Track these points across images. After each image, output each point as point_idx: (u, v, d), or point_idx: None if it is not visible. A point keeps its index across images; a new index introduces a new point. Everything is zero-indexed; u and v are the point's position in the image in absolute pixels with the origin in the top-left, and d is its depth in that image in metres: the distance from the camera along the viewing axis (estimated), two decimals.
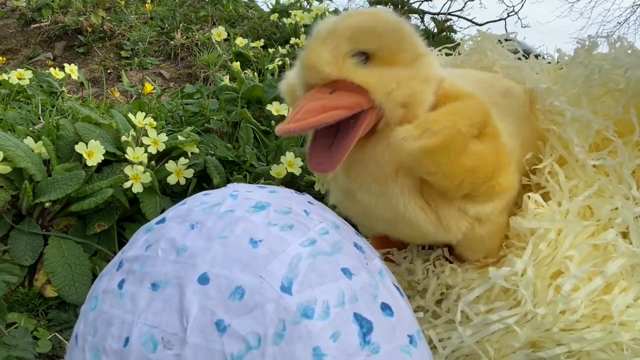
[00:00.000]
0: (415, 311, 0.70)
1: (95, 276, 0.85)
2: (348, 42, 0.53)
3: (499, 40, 0.91)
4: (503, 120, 0.64)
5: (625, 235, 0.65)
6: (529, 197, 0.67)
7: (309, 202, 0.45)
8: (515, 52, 0.91)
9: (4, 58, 1.94)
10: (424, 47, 0.59)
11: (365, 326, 0.36)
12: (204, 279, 0.35)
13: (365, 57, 0.54)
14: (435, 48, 1.03)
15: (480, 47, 0.91)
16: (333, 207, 0.61)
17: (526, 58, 0.89)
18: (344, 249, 0.40)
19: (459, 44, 0.99)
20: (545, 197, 0.69)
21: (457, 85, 0.61)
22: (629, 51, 0.75)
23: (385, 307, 0.38)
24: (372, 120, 0.54)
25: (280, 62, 1.64)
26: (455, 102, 0.57)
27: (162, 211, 0.95)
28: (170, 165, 0.99)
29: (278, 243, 0.37)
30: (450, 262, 0.73)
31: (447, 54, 1.02)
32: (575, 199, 0.66)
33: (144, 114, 1.03)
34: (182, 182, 0.99)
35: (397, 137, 0.54)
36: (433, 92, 0.58)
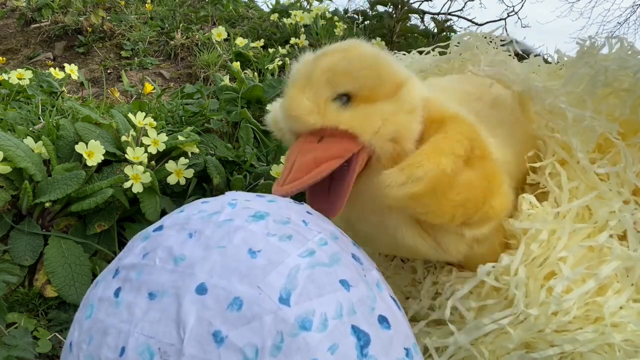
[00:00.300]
0: (415, 313, 0.71)
1: (95, 276, 0.85)
2: (326, 87, 0.52)
3: (490, 40, 0.91)
4: (493, 133, 0.63)
5: (622, 237, 0.65)
6: (523, 197, 0.67)
7: (307, 212, 0.45)
8: (507, 50, 0.90)
9: (4, 58, 1.94)
10: (405, 72, 0.58)
11: (362, 339, 0.35)
12: (201, 289, 0.35)
13: (347, 98, 0.53)
14: (432, 47, 1.03)
15: (468, 47, 0.90)
16: None
17: (525, 58, 0.88)
18: (342, 260, 0.40)
19: (449, 43, 0.99)
20: (544, 196, 0.69)
21: (443, 106, 0.59)
22: (629, 52, 0.75)
23: (383, 320, 0.38)
24: (364, 160, 0.54)
25: (280, 62, 1.64)
26: (438, 135, 0.55)
27: (162, 211, 0.95)
28: (170, 165, 0.99)
29: (277, 253, 0.37)
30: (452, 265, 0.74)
31: (440, 53, 1.01)
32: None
33: (144, 114, 1.03)
34: (182, 182, 0.99)
35: (383, 184, 0.53)
36: (420, 121, 0.57)
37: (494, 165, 0.58)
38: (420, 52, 1.05)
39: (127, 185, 0.89)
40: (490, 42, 0.90)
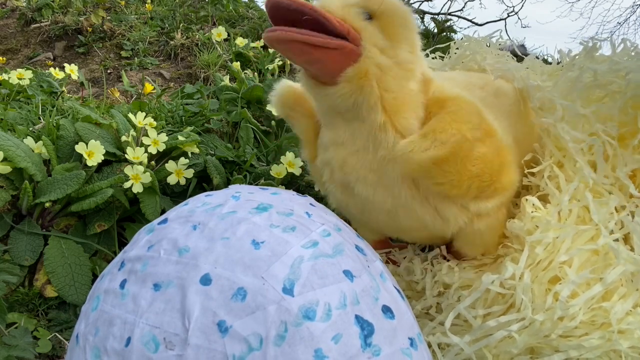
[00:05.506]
0: (416, 315, 0.70)
1: (95, 276, 0.85)
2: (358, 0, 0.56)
3: (488, 44, 0.92)
4: (497, 118, 0.65)
5: (626, 239, 0.64)
6: (526, 199, 0.67)
7: (310, 204, 0.46)
8: (504, 49, 0.91)
9: (4, 58, 1.94)
10: (419, 49, 0.60)
11: (366, 328, 0.36)
12: (206, 280, 0.35)
13: (369, 17, 0.56)
14: (431, 49, 1.03)
15: (468, 50, 0.91)
16: (333, 210, 0.61)
17: (521, 58, 0.89)
18: (346, 251, 0.40)
19: (449, 46, 1.00)
20: (545, 198, 0.69)
21: (445, 89, 0.62)
22: (632, 53, 0.75)
23: (387, 310, 0.38)
24: (345, 52, 0.54)
25: (280, 62, 1.64)
26: (450, 108, 0.57)
27: (162, 211, 0.95)
28: (170, 165, 0.99)
29: (280, 245, 0.37)
30: (448, 261, 0.73)
31: (441, 57, 1.02)
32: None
33: (144, 114, 1.03)
34: (182, 182, 0.99)
35: (405, 150, 0.54)
36: (416, 82, 0.59)
37: (500, 142, 0.60)
38: None
39: (127, 185, 0.89)
40: (489, 45, 0.91)
